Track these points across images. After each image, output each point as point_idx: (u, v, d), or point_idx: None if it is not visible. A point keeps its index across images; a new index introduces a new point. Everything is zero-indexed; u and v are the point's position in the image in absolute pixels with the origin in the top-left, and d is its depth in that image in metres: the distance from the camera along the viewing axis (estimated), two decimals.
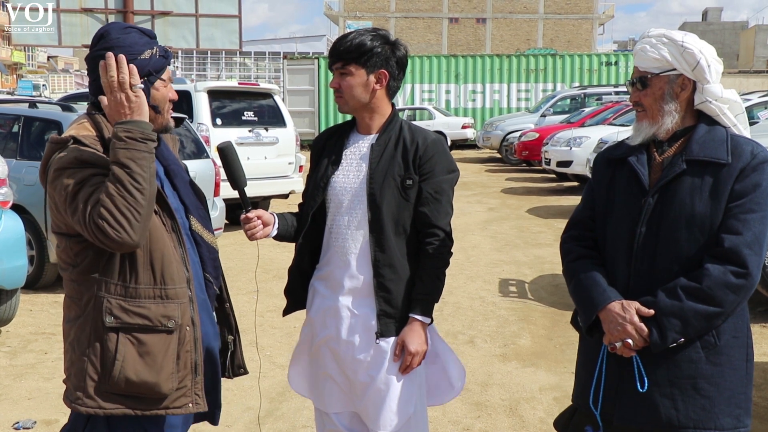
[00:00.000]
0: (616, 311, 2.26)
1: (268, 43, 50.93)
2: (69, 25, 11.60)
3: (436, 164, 2.61)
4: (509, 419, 4.39)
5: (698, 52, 2.26)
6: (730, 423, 2.25)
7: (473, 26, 54.32)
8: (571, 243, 2.50)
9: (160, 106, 2.29)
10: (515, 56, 28.17)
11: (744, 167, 2.20)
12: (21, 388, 4.80)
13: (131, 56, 2.18)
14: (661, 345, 2.21)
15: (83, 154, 2.15)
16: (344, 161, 2.70)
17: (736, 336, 2.27)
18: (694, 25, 78.62)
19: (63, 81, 51.35)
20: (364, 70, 2.60)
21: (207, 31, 12.36)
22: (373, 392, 2.64)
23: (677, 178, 2.26)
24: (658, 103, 2.32)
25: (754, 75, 38.23)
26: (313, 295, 2.79)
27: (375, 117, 2.68)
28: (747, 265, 2.16)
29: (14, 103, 9.49)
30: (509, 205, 13.14)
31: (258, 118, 10.89)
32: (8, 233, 5.60)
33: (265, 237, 2.69)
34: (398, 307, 2.62)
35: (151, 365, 2.19)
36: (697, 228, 2.22)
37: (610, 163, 2.46)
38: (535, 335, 5.96)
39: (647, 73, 2.33)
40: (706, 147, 2.26)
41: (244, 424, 4.31)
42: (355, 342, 2.66)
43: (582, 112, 18.43)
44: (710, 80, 2.28)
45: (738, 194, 2.20)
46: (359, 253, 2.64)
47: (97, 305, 2.19)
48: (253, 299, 7.02)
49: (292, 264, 2.82)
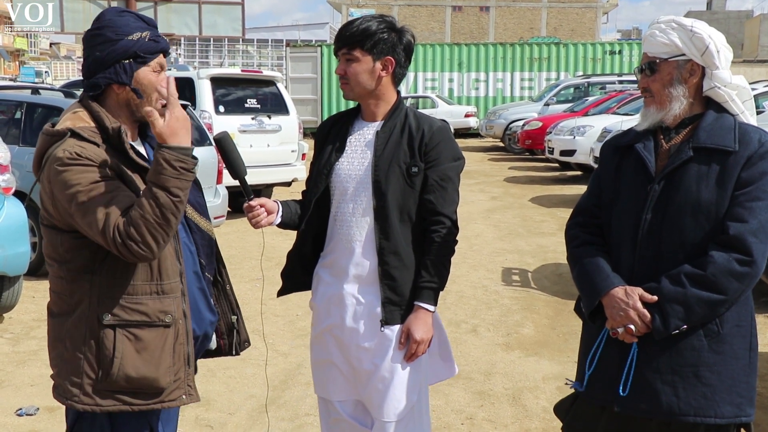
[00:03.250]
0: (619, 297, 2.26)
1: (270, 30, 50.79)
2: (71, 11, 11.58)
3: (442, 151, 2.60)
4: (512, 408, 4.38)
5: (707, 37, 2.25)
6: (730, 411, 2.25)
7: (476, 14, 54.10)
8: (576, 229, 2.50)
9: (144, 90, 2.21)
10: (519, 45, 28.05)
11: (751, 155, 2.19)
12: (24, 375, 4.80)
13: (118, 36, 2.16)
14: (663, 331, 2.20)
15: (85, 149, 2.10)
16: (348, 148, 2.69)
17: (740, 325, 2.26)
18: (699, 14, 78.27)
19: (65, 67, 51.27)
20: (370, 57, 2.58)
21: (210, 18, 12.33)
22: (377, 380, 2.63)
23: (684, 165, 2.25)
24: (666, 88, 2.30)
25: (759, 64, 38.05)
26: (318, 282, 2.78)
27: (380, 104, 2.66)
28: (752, 252, 2.15)
29: (17, 89, 9.46)
30: (512, 194, 13.12)
31: (261, 105, 10.86)
32: (11, 220, 5.59)
33: (269, 225, 2.67)
34: (403, 294, 2.61)
35: (149, 360, 2.17)
36: (703, 215, 2.21)
37: (617, 150, 2.45)
38: (538, 324, 5.95)
39: (656, 58, 2.32)
40: (713, 134, 2.25)
41: (247, 411, 4.31)
42: (360, 329, 2.65)
43: (585, 101, 18.36)
44: (719, 66, 2.27)
45: (744, 182, 2.19)
46: (364, 241, 2.63)
47: (92, 304, 2.15)
48: (256, 287, 7.02)
49: (292, 249, 2.81)
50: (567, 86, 21.85)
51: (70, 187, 2.08)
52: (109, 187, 2.09)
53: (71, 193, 2.08)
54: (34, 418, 4.18)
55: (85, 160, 2.09)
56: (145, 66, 2.21)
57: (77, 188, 2.07)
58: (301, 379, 4.76)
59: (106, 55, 2.17)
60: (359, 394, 2.72)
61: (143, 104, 2.23)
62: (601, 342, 2.36)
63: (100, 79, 2.19)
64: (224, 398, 4.44)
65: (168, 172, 2.06)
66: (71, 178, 2.08)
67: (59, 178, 2.09)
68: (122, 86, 2.20)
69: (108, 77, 2.18)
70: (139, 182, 2.19)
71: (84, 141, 2.13)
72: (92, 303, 2.16)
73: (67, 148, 2.10)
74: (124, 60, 2.18)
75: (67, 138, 2.13)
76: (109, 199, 2.07)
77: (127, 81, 2.19)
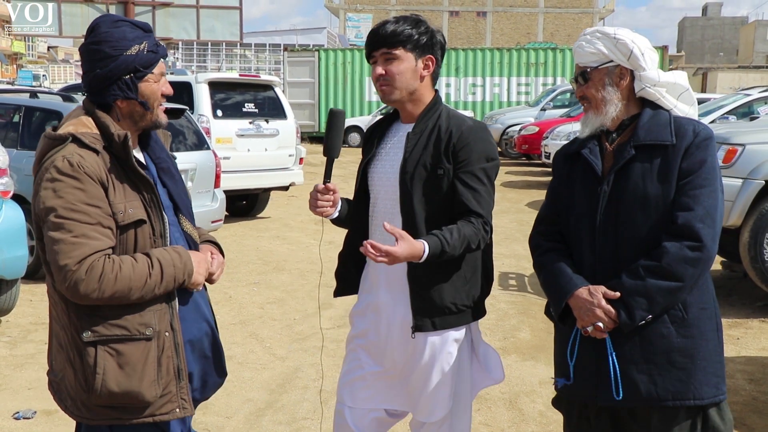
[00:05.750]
0: (583, 297, 2.37)
1: (268, 34, 50.85)
2: (69, 15, 11.59)
3: (472, 152, 2.53)
4: (509, 412, 4.40)
5: (630, 42, 2.39)
6: (709, 392, 2.36)
7: (474, 20, 54.22)
8: (538, 238, 2.62)
9: (149, 102, 2.24)
10: (515, 50, 28.11)
11: (689, 146, 2.32)
12: (21, 378, 4.81)
13: (117, 51, 2.17)
14: (630, 324, 2.32)
15: (84, 160, 2.11)
16: (383, 151, 2.69)
17: (703, 308, 2.38)
18: (694, 20, 78.50)
19: (63, 71, 51.24)
20: (412, 55, 2.55)
21: (208, 22, 12.35)
22: (410, 388, 2.65)
23: (628, 163, 2.38)
24: (600, 93, 2.44)
25: (754, 70, 38.21)
26: (360, 289, 2.80)
27: (418, 105, 2.62)
28: (701, 238, 2.27)
29: (15, 93, 9.47)
30: (509, 199, 13.15)
31: (258, 109, 10.87)
32: (9, 223, 5.59)
33: (328, 216, 2.63)
34: (432, 300, 2.58)
35: (131, 374, 2.16)
36: (652, 209, 2.34)
37: (567, 158, 2.58)
38: (535, 329, 5.97)
39: (587, 67, 2.46)
40: (651, 131, 2.38)
41: (244, 415, 4.32)
42: (392, 336, 2.65)
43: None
44: (645, 67, 2.41)
45: (686, 172, 2.31)
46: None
47: (72, 319, 2.16)
48: (254, 290, 7.03)
49: (343, 249, 2.81)
50: (563, 91, 21.87)
51: (55, 199, 2.09)
52: (92, 218, 2.10)
53: (52, 205, 2.09)
54: (32, 422, 4.18)
55: (82, 175, 2.09)
56: (146, 78, 2.23)
57: (61, 203, 2.08)
58: (298, 383, 4.77)
59: (107, 72, 2.18)
60: (391, 401, 2.73)
61: (147, 115, 2.26)
62: (576, 341, 2.46)
63: (109, 98, 2.21)
64: (221, 402, 4.44)
65: (177, 269, 2.21)
66: (61, 189, 2.09)
67: (50, 185, 2.10)
68: (128, 99, 2.23)
69: (115, 95, 2.21)
70: (137, 188, 2.20)
71: (84, 148, 2.14)
72: (72, 319, 2.17)
73: (66, 155, 2.11)
74: (125, 76, 2.19)
75: (68, 143, 2.14)
76: (85, 230, 2.09)
77: (134, 96, 2.22)
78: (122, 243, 2.18)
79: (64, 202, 2.08)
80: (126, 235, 2.18)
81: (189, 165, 8.03)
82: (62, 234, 2.07)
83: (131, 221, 2.17)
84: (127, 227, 2.17)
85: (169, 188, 2.36)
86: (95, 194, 2.11)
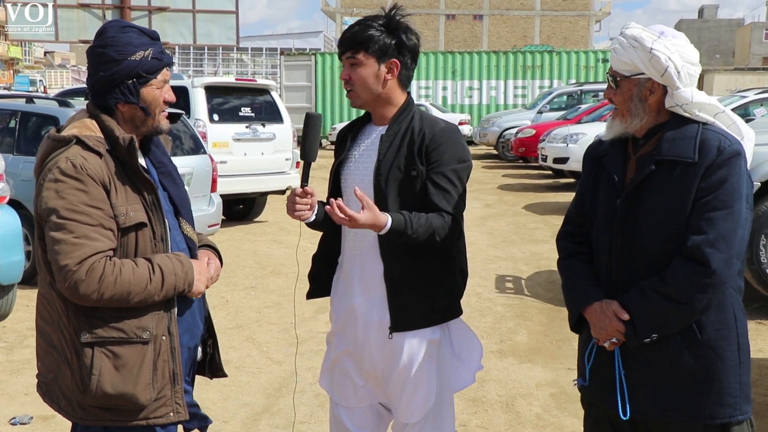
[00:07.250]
0: (596, 313, 2.36)
1: (265, 39, 50.90)
2: (66, 20, 11.58)
3: (444, 153, 2.54)
4: (506, 415, 4.40)
5: (665, 60, 2.25)
6: (722, 412, 2.28)
7: (470, 23, 54.28)
8: (564, 239, 2.59)
9: (150, 107, 2.26)
10: (512, 53, 28.17)
11: (710, 164, 2.21)
12: (17, 384, 4.80)
13: (121, 56, 2.19)
14: (635, 341, 2.30)
15: (87, 162, 2.12)
16: (356, 153, 2.69)
17: (720, 328, 2.30)
18: (691, 22, 78.63)
19: (60, 76, 51.23)
20: (374, 59, 2.54)
21: (204, 26, 12.34)
22: (391, 387, 2.67)
23: (647, 179, 2.30)
24: (627, 103, 2.34)
25: (750, 72, 38.24)
26: (333, 292, 2.81)
27: (388, 108, 2.63)
28: (710, 263, 2.18)
29: (11, 98, 9.47)
30: (506, 202, 13.15)
31: (255, 114, 10.87)
32: (5, 229, 5.60)
33: (305, 220, 2.61)
34: (409, 300, 2.60)
35: (127, 377, 2.16)
36: (669, 227, 2.26)
37: (595, 160, 2.52)
38: (532, 331, 5.97)
39: (618, 74, 2.35)
40: (674, 145, 2.27)
41: (241, 419, 4.31)
42: (370, 339, 2.66)
43: (578, 109, 18.41)
44: (679, 86, 2.28)
45: (704, 192, 2.21)
46: (368, 247, 2.63)
47: (71, 319, 2.17)
48: (251, 295, 7.03)
49: (317, 252, 2.83)
50: (560, 94, 21.93)
51: (57, 199, 2.10)
52: (93, 219, 2.11)
53: (54, 206, 2.10)
54: (28, 427, 4.17)
55: (85, 177, 2.11)
56: (148, 84, 2.25)
57: (63, 204, 2.09)
58: (295, 387, 4.76)
59: (110, 76, 2.20)
60: (375, 399, 2.76)
61: (148, 121, 2.28)
62: (593, 346, 2.44)
63: (111, 101, 2.23)
64: (218, 406, 4.44)
65: (177, 277, 2.22)
66: (63, 191, 2.10)
67: (53, 186, 2.11)
68: (129, 104, 2.24)
69: (117, 98, 2.22)
70: (139, 192, 2.21)
71: (88, 150, 2.15)
72: (71, 320, 2.17)
73: (70, 156, 2.13)
74: (128, 80, 2.21)
75: (72, 145, 2.16)
76: (87, 231, 2.10)
77: (135, 101, 2.23)
78: (123, 246, 2.19)
79: (66, 203, 2.09)
80: (127, 238, 2.19)
81: (185, 169, 8.02)
82: (64, 234, 2.08)
83: (132, 224, 2.19)
84: (129, 230, 2.19)
85: (170, 192, 2.38)
86: (97, 196, 2.12)
